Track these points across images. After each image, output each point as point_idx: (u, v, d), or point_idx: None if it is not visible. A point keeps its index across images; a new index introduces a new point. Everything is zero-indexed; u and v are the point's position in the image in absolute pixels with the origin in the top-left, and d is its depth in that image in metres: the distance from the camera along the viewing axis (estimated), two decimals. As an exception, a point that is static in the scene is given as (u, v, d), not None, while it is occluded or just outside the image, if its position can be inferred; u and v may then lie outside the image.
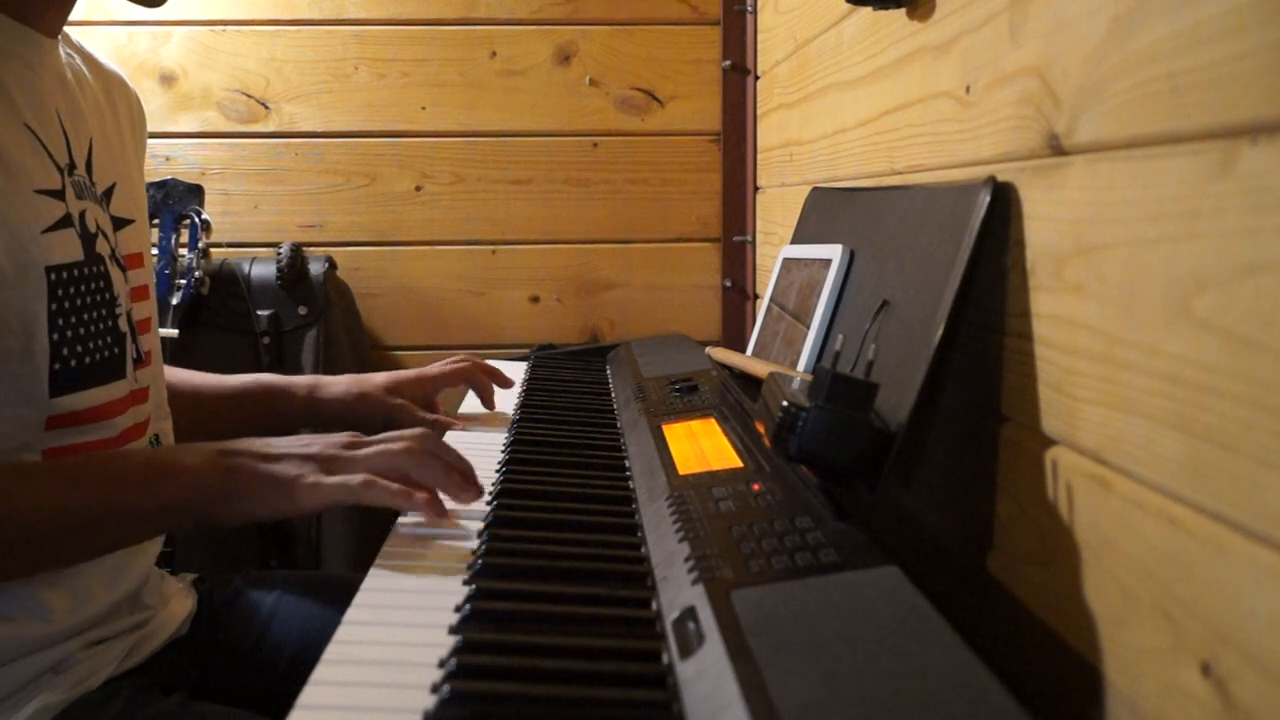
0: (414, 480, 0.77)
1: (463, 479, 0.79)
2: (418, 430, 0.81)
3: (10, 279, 0.74)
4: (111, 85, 0.96)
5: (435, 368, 1.17)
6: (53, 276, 0.78)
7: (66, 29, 0.89)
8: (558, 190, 1.84)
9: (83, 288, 0.81)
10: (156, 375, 0.94)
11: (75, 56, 0.92)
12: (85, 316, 0.81)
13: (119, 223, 0.91)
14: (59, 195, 0.81)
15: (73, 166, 0.84)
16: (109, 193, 0.90)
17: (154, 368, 0.93)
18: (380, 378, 1.13)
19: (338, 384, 1.11)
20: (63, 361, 0.78)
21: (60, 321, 0.78)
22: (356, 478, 0.74)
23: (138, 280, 0.92)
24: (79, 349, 0.80)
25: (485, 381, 1.18)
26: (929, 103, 0.85)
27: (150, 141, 1.09)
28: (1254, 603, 0.43)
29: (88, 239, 0.83)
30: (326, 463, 0.76)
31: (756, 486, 0.71)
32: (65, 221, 0.80)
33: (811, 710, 0.43)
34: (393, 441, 0.79)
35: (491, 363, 1.23)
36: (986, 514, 0.69)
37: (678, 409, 0.98)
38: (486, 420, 1.14)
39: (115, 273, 0.87)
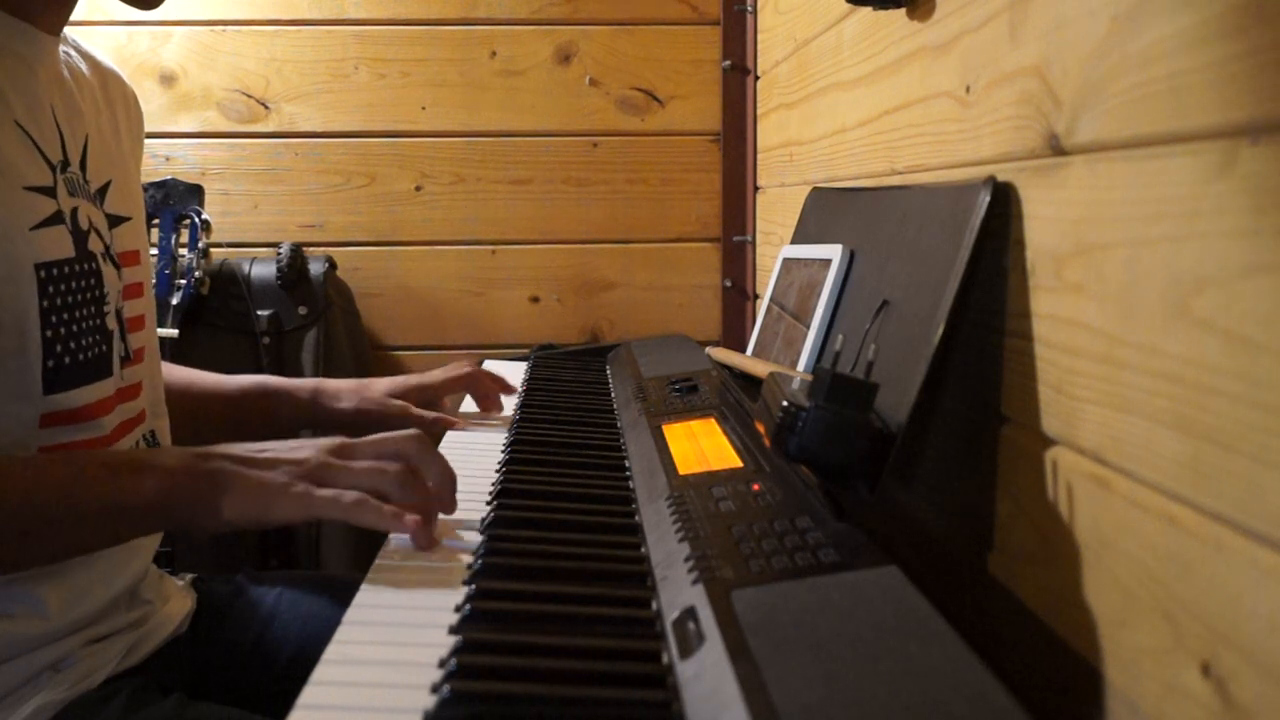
0: (396, 501, 0.73)
1: (439, 504, 0.75)
2: (408, 434, 0.77)
3: (2, 276, 0.74)
4: (109, 83, 0.97)
5: (439, 374, 1.17)
6: (42, 274, 0.77)
7: (66, 29, 0.89)
8: (557, 190, 1.84)
9: (73, 284, 0.81)
10: (151, 373, 0.94)
11: (73, 54, 0.92)
12: (76, 314, 0.81)
13: (114, 220, 0.90)
14: (49, 192, 0.80)
15: (66, 164, 0.84)
16: (103, 190, 0.90)
17: (146, 365, 0.93)
18: (383, 383, 1.12)
19: (340, 389, 1.11)
20: (56, 359, 0.78)
21: (53, 319, 0.78)
22: (349, 495, 0.70)
23: (133, 277, 0.92)
24: (71, 346, 0.80)
25: (487, 387, 1.18)
26: (929, 103, 0.85)
27: (150, 141, 1.09)
28: (1254, 603, 0.43)
29: (79, 236, 0.83)
30: (316, 470, 0.72)
31: (756, 486, 0.70)
32: (56, 218, 0.80)
33: (811, 710, 0.43)
34: (381, 456, 0.75)
35: (491, 364, 1.23)
36: (986, 514, 0.69)
37: (678, 409, 0.98)
38: (487, 420, 1.14)
39: (108, 270, 0.86)
